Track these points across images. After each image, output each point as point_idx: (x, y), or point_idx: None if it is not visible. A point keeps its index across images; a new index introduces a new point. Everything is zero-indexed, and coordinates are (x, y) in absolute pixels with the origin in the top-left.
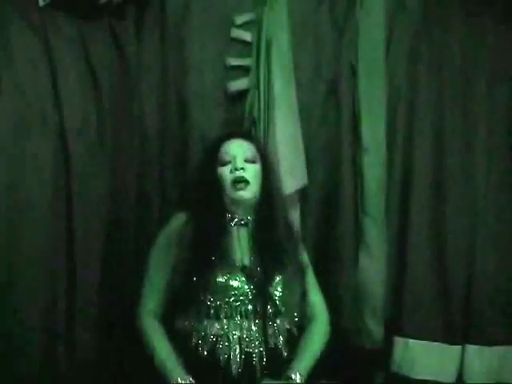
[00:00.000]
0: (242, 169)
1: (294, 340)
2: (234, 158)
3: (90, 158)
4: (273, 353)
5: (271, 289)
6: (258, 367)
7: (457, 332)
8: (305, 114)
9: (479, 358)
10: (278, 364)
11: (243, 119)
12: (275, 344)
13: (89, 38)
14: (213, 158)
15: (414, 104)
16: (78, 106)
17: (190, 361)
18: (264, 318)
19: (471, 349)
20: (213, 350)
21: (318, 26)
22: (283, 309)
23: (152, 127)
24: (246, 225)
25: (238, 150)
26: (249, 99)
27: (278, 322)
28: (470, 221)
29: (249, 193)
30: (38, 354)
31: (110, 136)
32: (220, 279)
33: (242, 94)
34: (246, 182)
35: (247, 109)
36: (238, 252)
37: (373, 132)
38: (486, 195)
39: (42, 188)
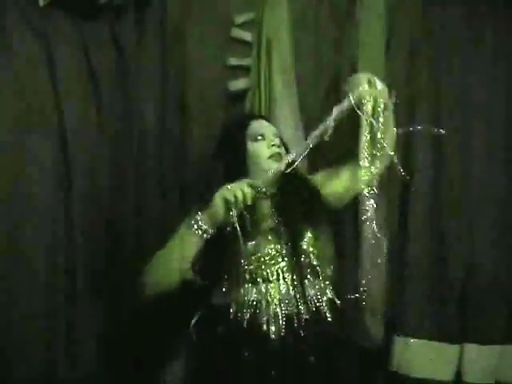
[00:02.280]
0: (279, 146)
1: (338, 311)
2: (268, 135)
3: (90, 158)
4: (315, 316)
5: (302, 244)
6: (300, 330)
7: (455, 331)
8: (305, 113)
9: (478, 356)
10: (322, 328)
11: None
12: (317, 307)
13: (89, 38)
14: (243, 134)
15: (414, 103)
16: (78, 106)
17: (231, 331)
18: (301, 276)
19: (470, 348)
20: (253, 316)
21: (318, 25)
22: (319, 267)
23: (152, 127)
24: (269, 197)
25: (268, 128)
26: (249, 99)
27: (318, 286)
28: (470, 221)
29: (282, 166)
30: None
31: (110, 136)
32: (250, 243)
33: (242, 94)
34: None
35: (248, 108)
36: (264, 218)
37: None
38: (485, 195)
39: (41, 188)
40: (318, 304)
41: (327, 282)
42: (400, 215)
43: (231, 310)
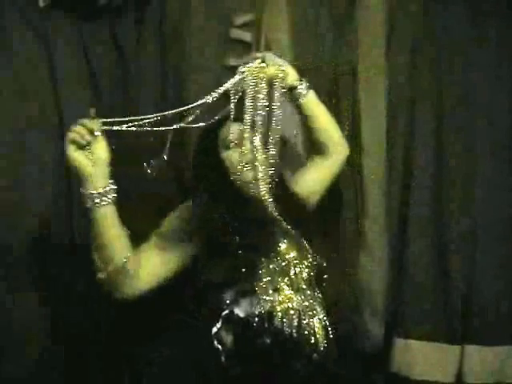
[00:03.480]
0: (253, 152)
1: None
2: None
3: None
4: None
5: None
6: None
7: (457, 332)
8: None
9: (479, 358)
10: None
11: None
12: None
13: (89, 38)
14: (214, 143)
15: (415, 104)
16: (78, 106)
17: (275, 341)
18: (319, 283)
19: (471, 349)
20: (297, 325)
21: (318, 26)
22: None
23: (151, 127)
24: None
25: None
26: None
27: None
28: (471, 221)
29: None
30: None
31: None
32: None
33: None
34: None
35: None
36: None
37: (373, 132)
38: (486, 195)
39: (42, 188)
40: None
41: (320, 295)
42: (400, 215)
43: (274, 320)
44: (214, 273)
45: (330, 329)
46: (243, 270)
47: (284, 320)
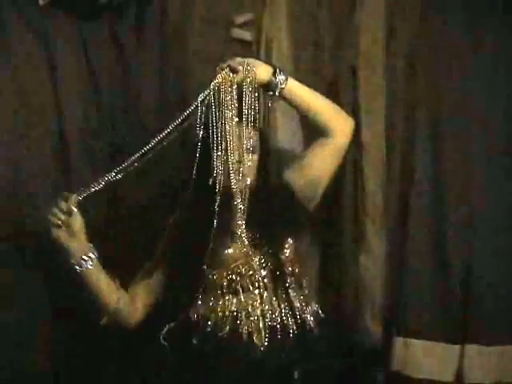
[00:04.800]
0: (239, 162)
1: (324, 323)
2: (231, 146)
3: (90, 158)
4: (302, 328)
5: (284, 252)
6: (285, 343)
7: (456, 331)
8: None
9: (479, 357)
10: (308, 341)
11: None
12: (302, 320)
13: (89, 38)
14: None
15: (414, 104)
16: (78, 106)
17: (211, 343)
18: (285, 286)
19: (471, 348)
20: (234, 327)
21: (318, 26)
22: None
23: (152, 127)
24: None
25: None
26: None
27: (303, 297)
28: (470, 220)
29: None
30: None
31: (110, 136)
32: (226, 251)
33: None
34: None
35: None
36: (237, 226)
37: (373, 132)
38: (485, 195)
39: (41, 188)
40: (303, 316)
41: (310, 293)
42: (400, 215)
43: (209, 322)
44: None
45: (293, 326)
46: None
47: (217, 322)
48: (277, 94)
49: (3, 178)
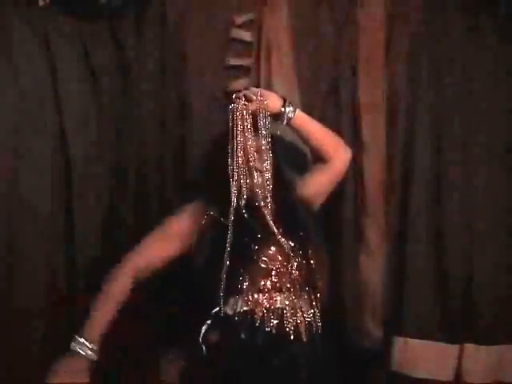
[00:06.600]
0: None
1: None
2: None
3: (90, 158)
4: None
5: (310, 253)
6: (316, 338)
7: (456, 331)
8: (305, 113)
9: (478, 356)
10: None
11: None
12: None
13: (89, 37)
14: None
15: (414, 104)
16: (78, 106)
17: (260, 338)
18: (313, 286)
19: (470, 348)
20: (281, 322)
21: (318, 26)
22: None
23: (152, 127)
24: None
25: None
26: None
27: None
28: (470, 220)
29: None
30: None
31: (110, 136)
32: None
33: None
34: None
35: None
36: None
37: (373, 132)
38: (485, 195)
39: (41, 188)
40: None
41: (319, 294)
42: (400, 215)
43: (256, 317)
44: (207, 273)
45: (315, 325)
46: (232, 271)
47: (264, 318)
48: (285, 123)
49: (2, 180)
